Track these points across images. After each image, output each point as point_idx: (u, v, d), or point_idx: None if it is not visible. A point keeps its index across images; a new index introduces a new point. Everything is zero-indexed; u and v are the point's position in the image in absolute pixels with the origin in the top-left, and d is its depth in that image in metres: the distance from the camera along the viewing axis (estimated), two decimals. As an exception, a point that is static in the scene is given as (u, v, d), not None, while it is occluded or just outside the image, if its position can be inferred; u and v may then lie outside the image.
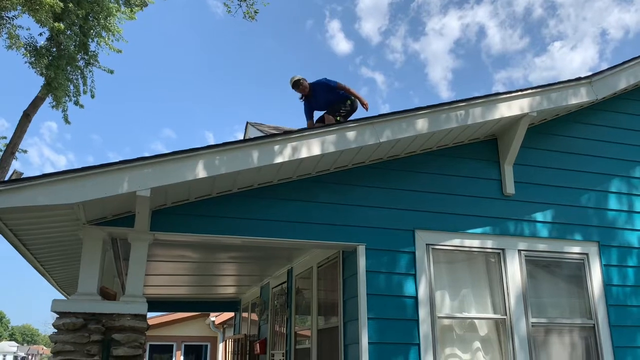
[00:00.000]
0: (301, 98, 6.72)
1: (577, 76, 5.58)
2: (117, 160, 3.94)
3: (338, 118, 6.47)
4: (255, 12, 12.72)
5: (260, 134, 7.30)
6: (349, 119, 6.43)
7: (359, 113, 6.65)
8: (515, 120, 5.28)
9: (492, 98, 5.11)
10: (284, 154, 4.37)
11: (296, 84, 6.60)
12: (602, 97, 5.72)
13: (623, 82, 5.87)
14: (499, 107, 5.13)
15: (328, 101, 6.59)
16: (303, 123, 6.84)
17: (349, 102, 6.53)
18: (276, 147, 4.37)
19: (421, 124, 4.83)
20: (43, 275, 6.49)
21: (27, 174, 3.92)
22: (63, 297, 8.01)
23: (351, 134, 4.60)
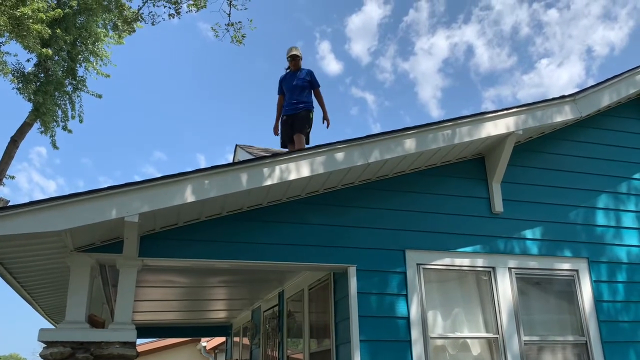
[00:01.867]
0: (287, 69, 6.96)
1: (562, 93, 5.69)
2: (105, 185, 3.92)
3: (308, 130, 6.60)
4: (243, 36, 12.84)
5: (249, 157, 7.31)
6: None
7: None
8: (501, 139, 5.33)
9: (478, 117, 5.17)
10: (272, 177, 4.37)
11: (293, 58, 6.83)
12: (586, 115, 5.81)
13: (606, 99, 5.97)
14: (485, 126, 5.19)
15: (299, 90, 6.71)
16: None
17: (311, 115, 6.65)
18: (265, 170, 4.37)
19: (409, 144, 4.86)
20: (30, 303, 6.38)
21: (17, 199, 3.90)
22: (50, 326, 7.88)
23: (340, 155, 4.62)
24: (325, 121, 6.80)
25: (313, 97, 6.85)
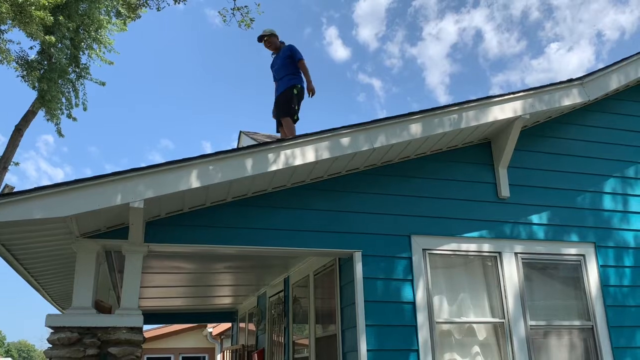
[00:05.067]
0: (272, 54, 6.80)
1: (571, 77, 5.60)
2: (111, 172, 3.92)
3: (296, 117, 6.35)
4: (251, 20, 12.75)
5: (254, 143, 7.28)
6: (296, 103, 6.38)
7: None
8: (508, 123, 5.29)
9: (485, 101, 5.12)
10: (277, 162, 4.35)
11: (260, 40, 6.63)
12: (594, 98, 5.74)
13: (614, 83, 5.90)
14: (491, 110, 5.14)
15: (280, 68, 6.50)
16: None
17: (295, 91, 6.34)
18: (270, 155, 4.35)
19: (415, 129, 4.83)
20: (37, 289, 6.42)
21: (24, 188, 3.89)
22: (58, 312, 7.93)
23: (345, 140, 4.59)
24: (309, 92, 6.40)
25: (298, 71, 6.50)
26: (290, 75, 6.45)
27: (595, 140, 5.94)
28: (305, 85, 6.46)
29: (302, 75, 6.48)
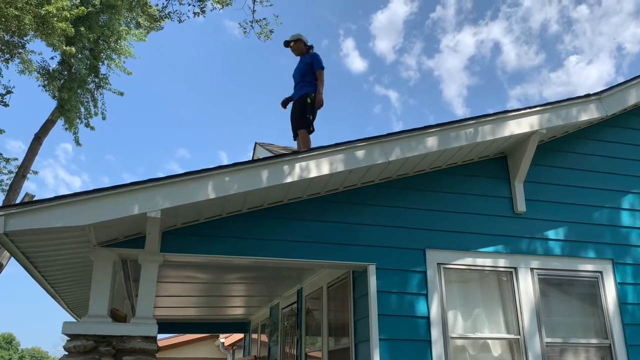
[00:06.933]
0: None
1: (590, 91, 5.58)
2: (129, 181, 3.97)
3: (312, 127, 6.33)
4: (270, 31, 12.89)
5: (269, 154, 7.32)
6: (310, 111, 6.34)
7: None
8: (524, 138, 5.26)
9: (502, 115, 5.11)
10: (292, 174, 4.37)
11: (287, 44, 6.65)
12: (612, 114, 5.69)
13: (633, 98, 5.85)
14: (508, 124, 5.12)
15: (299, 74, 6.52)
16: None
17: (308, 100, 6.31)
18: (285, 167, 4.38)
19: (431, 142, 4.82)
20: (54, 297, 6.50)
21: (42, 195, 3.96)
22: (73, 320, 8.00)
23: (360, 153, 4.60)
24: (317, 103, 6.30)
25: (315, 79, 6.42)
26: (306, 83, 6.45)
27: (613, 156, 5.88)
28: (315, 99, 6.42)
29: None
